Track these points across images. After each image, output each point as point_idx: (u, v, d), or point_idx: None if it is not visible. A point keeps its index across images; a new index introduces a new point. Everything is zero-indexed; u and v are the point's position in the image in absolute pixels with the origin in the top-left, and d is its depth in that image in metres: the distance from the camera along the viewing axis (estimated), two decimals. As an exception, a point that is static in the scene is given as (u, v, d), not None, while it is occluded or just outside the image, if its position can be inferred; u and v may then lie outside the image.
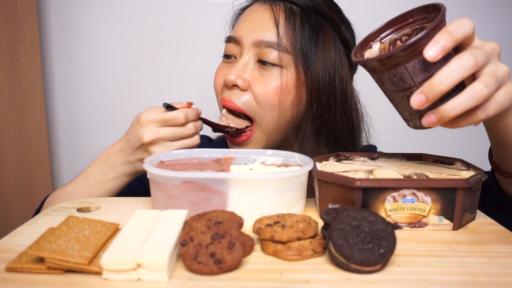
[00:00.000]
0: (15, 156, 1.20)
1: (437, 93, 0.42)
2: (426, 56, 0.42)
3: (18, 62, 1.20)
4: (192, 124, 0.68)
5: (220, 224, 0.42)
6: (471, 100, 0.43)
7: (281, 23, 0.71)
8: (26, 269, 0.38)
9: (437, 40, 0.42)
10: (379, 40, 0.52)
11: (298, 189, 0.52)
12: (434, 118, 0.45)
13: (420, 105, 0.43)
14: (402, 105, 0.48)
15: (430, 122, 0.45)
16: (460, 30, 0.43)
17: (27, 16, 1.22)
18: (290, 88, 0.72)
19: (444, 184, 0.48)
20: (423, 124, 0.46)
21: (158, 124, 0.65)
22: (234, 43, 0.75)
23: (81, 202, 0.57)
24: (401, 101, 0.48)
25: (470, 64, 0.43)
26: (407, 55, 0.43)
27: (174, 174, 0.49)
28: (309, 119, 0.73)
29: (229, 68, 0.75)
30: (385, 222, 0.41)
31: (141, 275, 0.37)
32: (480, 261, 0.42)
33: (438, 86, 0.42)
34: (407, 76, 0.45)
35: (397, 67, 0.44)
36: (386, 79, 0.46)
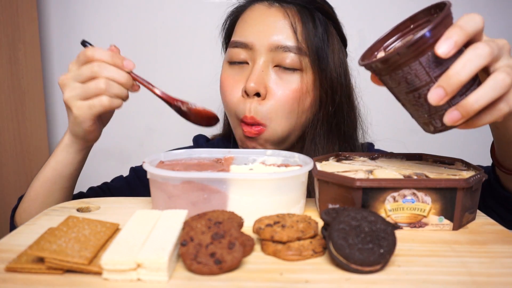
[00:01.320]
0: (15, 156, 1.20)
1: (455, 85, 0.41)
2: (439, 52, 0.41)
3: (18, 62, 1.20)
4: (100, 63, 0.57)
5: (220, 224, 0.42)
6: (495, 89, 0.42)
7: (298, 27, 0.70)
8: (26, 269, 0.38)
9: (448, 36, 0.41)
10: (383, 49, 0.51)
11: (298, 189, 0.52)
12: (457, 114, 0.42)
13: (439, 100, 0.42)
14: (419, 107, 0.46)
15: (454, 119, 0.43)
16: (471, 25, 0.42)
17: (27, 16, 1.22)
18: (309, 91, 0.72)
19: (444, 184, 0.48)
20: (445, 122, 0.44)
21: (73, 65, 0.59)
22: (244, 48, 0.72)
23: (81, 202, 0.58)
24: (418, 102, 0.45)
25: (486, 53, 0.41)
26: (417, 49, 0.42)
27: (174, 174, 0.49)
28: (322, 118, 0.74)
29: (241, 75, 0.72)
30: (385, 222, 0.41)
31: (141, 275, 0.37)
32: (480, 261, 0.42)
33: (455, 77, 0.41)
34: (422, 72, 0.43)
35: (411, 63, 0.43)
36: (401, 78, 0.44)
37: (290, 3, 0.72)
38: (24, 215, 0.66)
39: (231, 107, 0.73)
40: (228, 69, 0.75)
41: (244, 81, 0.71)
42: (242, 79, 0.72)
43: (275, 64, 0.71)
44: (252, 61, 0.72)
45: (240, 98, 0.71)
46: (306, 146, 0.75)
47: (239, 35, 0.73)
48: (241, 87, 0.72)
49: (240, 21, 0.75)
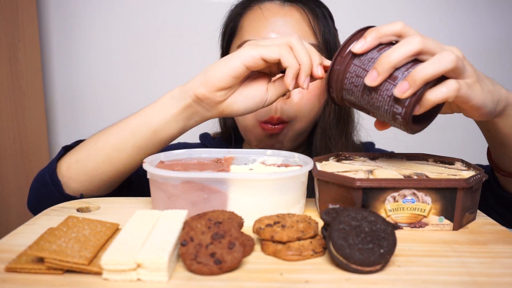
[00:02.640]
0: (15, 156, 1.20)
1: (386, 65, 0.45)
2: (353, 50, 0.48)
3: (18, 62, 1.20)
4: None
5: (220, 224, 0.41)
6: (440, 62, 0.44)
7: (314, 24, 0.72)
8: (26, 269, 0.38)
9: (363, 37, 0.48)
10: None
11: (298, 189, 0.52)
12: (405, 84, 0.44)
13: (373, 80, 0.46)
14: (377, 103, 0.48)
15: (402, 89, 0.44)
16: (386, 28, 0.47)
17: (27, 16, 1.22)
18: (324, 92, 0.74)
19: (444, 184, 0.48)
20: (395, 94, 0.45)
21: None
22: None
23: (81, 202, 0.57)
24: (373, 98, 0.48)
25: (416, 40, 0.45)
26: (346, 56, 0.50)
27: (174, 174, 0.49)
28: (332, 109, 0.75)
29: None
30: (385, 222, 0.41)
31: (141, 275, 0.37)
32: (480, 261, 0.42)
33: (385, 59, 0.45)
34: (360, 70, 0.48)
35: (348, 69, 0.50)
36: (350, 85, 0.50)
37: (301, 2, 0.73)
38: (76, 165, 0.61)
39: None
40: None
41: None
42: None
43: None
44: None
45: None
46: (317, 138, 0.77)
47: (254, 34, 0.72)
48: None
49: (250, 20, 0.74)
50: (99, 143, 0.60)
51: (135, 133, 0.59)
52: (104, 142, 0.60)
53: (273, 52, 0.53)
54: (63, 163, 0.62)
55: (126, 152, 0.60)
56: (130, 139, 0.59)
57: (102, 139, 0.61)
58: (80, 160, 0.61)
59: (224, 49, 0.81)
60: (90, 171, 0.60)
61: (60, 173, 0.61)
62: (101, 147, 0.60)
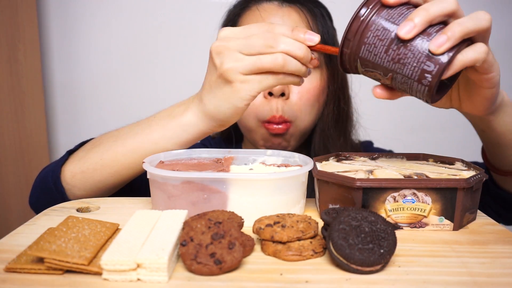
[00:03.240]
0: (15, 156, 1.20)
1: (424, 17, 0.42)
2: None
3: (18, 62, 1.20)
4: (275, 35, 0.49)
5: (220, 224, 0.41)
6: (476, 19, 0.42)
7: (313, 25, 0.72)
8: (26, 269, 0.38)
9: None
10: None
11: (298, 189, 0.52)
12: (443, 37, 0.42)
13: (409, 31, 0.42)
14: (405, 60, 0.44)
15: (439, 42, 0.42)
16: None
17: (26, 17, 1.22)
18: (325, 86, 0.75)
19: (444, 184, 0.48)
20: (431, 49, 0.42)
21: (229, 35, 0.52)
22: None
23: (81, 202, 0.57)
24: (400, 53, 0.44)
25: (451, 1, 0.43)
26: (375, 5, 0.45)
27: (174, 174, 0.49)
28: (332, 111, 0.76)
29: None
30: (386, 222, 0.41)
31: (141, 275, 0.37)
32: (480, 261, 0.41)
33: (423, 11, 0.42)
34: (388, 24, 0.45)
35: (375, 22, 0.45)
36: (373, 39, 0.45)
37: (299, 2, 0.73)
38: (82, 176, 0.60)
39: (250, 109, 0.73)
40: None
41: None
42: None
43: None
44: None
45: (262, 100, 0.72)
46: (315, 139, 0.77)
47: None
48: None
49: (248, 21, 0.74)
50: (105, 158, 0.59)
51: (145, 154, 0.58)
52: (112, 159, 0.58)
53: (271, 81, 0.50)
54: (67, 170, 0.61)
55: (135, 169, 0.60)
56: (140, 159, 0.58)
57: (108, 155, 0.59)
58: (85, 172, 0.60)
59: None
60: (96, 183, 0.60)
61: (65, 180, 0.61)
62: (108, 162, 0.59)
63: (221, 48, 0.50)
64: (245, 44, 0.49)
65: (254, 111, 0.73)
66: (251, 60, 0.49)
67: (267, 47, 0.48)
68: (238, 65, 0.49)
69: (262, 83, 0.50)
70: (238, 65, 0.49)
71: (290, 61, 0.49)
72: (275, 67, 0.48)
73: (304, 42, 0.49)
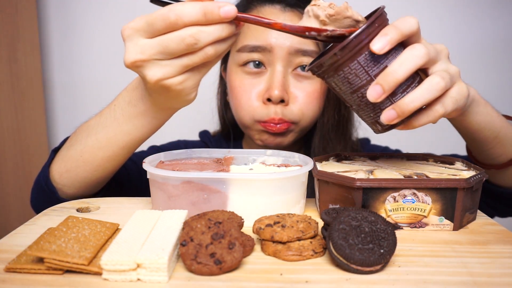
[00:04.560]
0: (15, 156, 1.20)
1: (392, 82, 0.42)
2: (374, 48, 0.42)
3: (18, 62, 1.20)
4: (193, 29, 0.43)
5: (220, 224, 0.41)
6: (430, 92, 0.43)
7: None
8: (26, 269, 0.38)
9: (383, 33, 0.42)
10: None
11: (298, 189, 0.52)
12: (393, 113, 0.44)
13: (377, 97, 0.43)
14: (364, 106, 0.47)
15: (390, 117, 0.44)
16: (405, 25, 0.44)
17: (26, 16, 1.22)
18: (325, 91, 0.75)
19: (444, 184, 0.48)
20: (382, 120, 0.45)
21: (143, 34, 0.44)
22: (261, 52, 0.70)
23: (81, 202, 0.57)
24: (362, 101, 0.46)
25: (422, 53, 0.43)
26: (353, 49, 0.43)
27: (174, 174, 0.49)
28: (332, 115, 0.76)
29: (258, 79, 0.72)
30: (385, 222, 0.41)
31: (141, 275, 0.37)
32: (480, 261, 0.41)
33: (392, 75, 0.42)
34: (362, 71, 0.44)
35: (350, 64, 0.44)
36: (343, 79, 0.45)
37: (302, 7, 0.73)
38: (68, 175, 0.59)
39: (247, 111, 0.73)
40: (241, 74, 0.73)
41: (262, 86, 0.72)
42: (259, 85, 0.72)
43: (293, 68, 0.72)
44: (270, 65, 0.71)
45: (260, 105, 0.72)
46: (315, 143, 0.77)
47: (254, 39, 0.71)
48: (259, 92, 0.72)
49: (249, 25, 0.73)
50: (84, 154, 0.57)
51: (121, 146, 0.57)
52: (90, 154, 0.57)
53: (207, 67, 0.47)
54: (54, 170, 0.60)
55: (117, 160, 0.59)
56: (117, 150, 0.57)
57: (86, 151, 0.57)
58: (70, 170, 0.59)
59: None
60: (83, 180, 0.59)
61: (54, 180, 0.60)
62: (88, 158, 0.57)
63: (138, 63, 0.44)
64: (163, 50, 0.43)
65: (251, 114, 0.72)
66: (178, 63, 0.44)
67: (189, 46, 0.43)
68: (166, 71, 0.44)
69: (201, 71, 0.47)
70: (166, 72, 0.44)
71: (219, 45, 0.45)
72: (208, 59, 0.45)
73: (222, 21, 0.43)
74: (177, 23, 0.42)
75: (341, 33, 0.45)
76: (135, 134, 0.56)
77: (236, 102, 0.75)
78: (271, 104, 0.70)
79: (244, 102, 0.73)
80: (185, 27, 0.42)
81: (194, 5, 0.42)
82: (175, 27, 0.42)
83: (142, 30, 0.44)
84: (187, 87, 0.47)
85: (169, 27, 0.42)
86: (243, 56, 0.72)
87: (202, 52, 0.44)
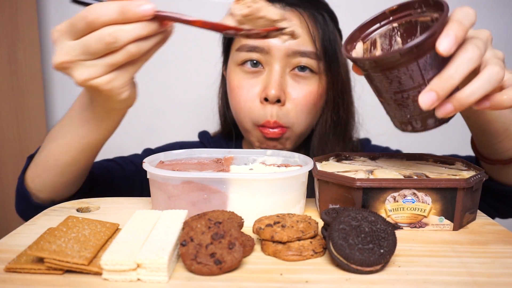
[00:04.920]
0: (15, 156, 1.20)
1: (448, 89, 0.40)
2: (441, 49, 0.39)
3: (18, 62, 1.20)
4: (112, 28, 0.42)
5: (220, 224, 0.41)
6: (490, 82, 0.41)
7: (313, 31, 0.71)
8: (26, 269, 0.38)
9: (449, 33, 0.40)
10: (361, 39, 0.50)
11: (298, 189, 0.52)
12: (450, 107, 0.41)
13: (430, 104, 0.40)
14: (404, 107, 0.45)
15: (447, 111, 0.41)
16: (468, 19, 0.41)
17: (26, 16, 1.22)
18: (323, 93, 0.74)
19: (444, 184, 0.48)
20: (437, 115, 0.42)
21: (68, 36, 0.44)
22: (259, 52, 0.71)
23: (81, 202, 0.57)
24: (405, 102, 0.45)
25: (476, 56, 0.41)
26: (420, 50, 0.41)
27: (174, 174, 0.49)
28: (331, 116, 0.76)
29: (256, 79, 0.72)
30: (385, 222, 0.41)
31: (141, 275, 0.37)
32: (480, 261, 0.41)
33: (449, 81, 0.40)
34: (418, 74, 0.42)
35: (409, 64, 0.42)
36: (394, 78, 0.43)
37: (301, 7, 0.73)
38: (39, 180, 0.60)
39: (246, 112, 0.73)
40: (240, 73, 0.74)
41: (259, 86, 0.72)
42: (257, 84, 0.72)
43: (291, 68, 0.71)
44: (268, 65, 0.71)
45: (258, 104, 0.72)
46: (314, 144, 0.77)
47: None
48: (256, 92, 0.72)
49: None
50: (49, 159, 0.58)
51: (80, 149, 0.57)
52: (54, 159, 0.58)
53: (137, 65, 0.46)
54: (28, 176, 0.61)
55: (81, 163, 0.59)
56: (76, 155, 0.57)
57: (50, 156, 0.58)
58: (40, 175, 0.59)
59: (224, 48, 0.82)
60: (53, 184, 0.59)
61: (28, 186, 0.61)
62: (52, 163, 0.58)
63: (64, 64, 0.44)
64: (85, 51, 0.43)
65: (250, 115, 0.73)
66: (102, 63, 0.44)
67: (108, 45, 0.42)
68: (92, 72, 0.44)
69: (128, 70, 0.46)
70: (91, 72, 0.44)
71: (142, 43, 0.44)
72: (132, 57, 0.44)
73: (141, 19, 0.43)
74: (96, 23, 0.42)
75: (257, 32, 0.45)
76: (90, 138, 0.56)
77: (235, 102, 0.75)
78: (268, 104, 0.70)
79: (243, 102, 0.73)
80: (104, 27, 0.42)
81: (112, 4, 0.42)
82: (95, 27, 0.42)
83: (67, 32, 0.44)
84: (115, 86, 0.46)
85: (89, 27, 0.42)
86: (241, 55, 0.73)
87: (124, 50, 0.43)
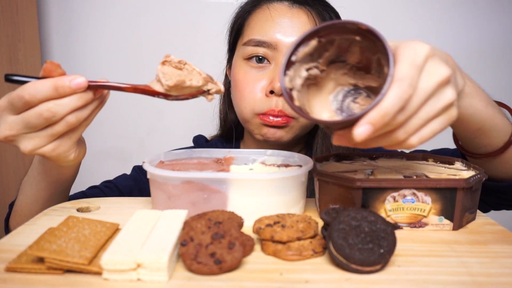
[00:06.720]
0: (15, 156, 1.20)
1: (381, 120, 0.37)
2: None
3: (18, 62, 1.20)
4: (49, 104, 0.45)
5: (220, 224, 0.41)
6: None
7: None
8: (26, 269, 0.38)
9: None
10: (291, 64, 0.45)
11: (298, 189, 0.52)
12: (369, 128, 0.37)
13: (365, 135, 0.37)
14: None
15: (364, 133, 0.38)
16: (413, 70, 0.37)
17: (27, 16, 1.22)
18: None
19: (444, 184, 0.48)
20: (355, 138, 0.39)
21: (9, 112, 0.47)
22: (267, 47, 0.72)
23: (81, 202, 0.57)
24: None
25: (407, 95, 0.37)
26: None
27: (174, 174, 0.49)
28: None
29: (262, 73, 0.73)
30: (385, 222, 0.41)
31: (141, 275, 0.37)
32: (480, 261, 0.42)
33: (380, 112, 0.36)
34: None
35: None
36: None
37: (310, 5, 0.74)
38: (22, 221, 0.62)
39: (248, 103, 0.73)
40: (246, 66, 0.75)
41: (265, 80, 0.72)
42: (263, 78, 0.72)
43: None
44: (274, 60, 0.72)
45: (262, 96, 0.72)
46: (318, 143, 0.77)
47: (260, 34, 0.73)
48: (261, 86, 0.72)
49: (257, 19, 0.75)
50: (24, 211, 0.61)
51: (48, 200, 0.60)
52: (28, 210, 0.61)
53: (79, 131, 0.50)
54: (11, 223, 0.64)
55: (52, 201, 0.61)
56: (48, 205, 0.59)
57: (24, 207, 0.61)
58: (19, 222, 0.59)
59: (230, 45, 0.82)
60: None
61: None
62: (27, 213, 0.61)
63: (9, 138, 0.47)
64: (26, 125, 0.46)
65: (252, 105, 0.73)
66: (44, 134, 0.47)
67: (47, 120, 0.45)
68: (36, 143, 0.47)
69: (71, 137, 0.49)
70: (36, 143, 0.47)
71: (80, 112, 0.47)
72: (71, 126, 0.47)
73: (75, 92, 0.46)
74: (32, 101, 0.45)
75: (185, 97, 0.49)
76: (52, 189, 0.59)
77: (238, 94, 0.75)
78: (273, 96, 0.71)
79: (247, 94, 0.73)
80: (41, 103, 0.45)
81: (45, 82, 0.45)
82: (32, 105, 0.45)
83: (7, 108, 0.47)
84: (61, 152, 0.49)
85: (26, 105, 0.45)
86: (248, 49, 0.73)
87: (63, 121, 0.46)
